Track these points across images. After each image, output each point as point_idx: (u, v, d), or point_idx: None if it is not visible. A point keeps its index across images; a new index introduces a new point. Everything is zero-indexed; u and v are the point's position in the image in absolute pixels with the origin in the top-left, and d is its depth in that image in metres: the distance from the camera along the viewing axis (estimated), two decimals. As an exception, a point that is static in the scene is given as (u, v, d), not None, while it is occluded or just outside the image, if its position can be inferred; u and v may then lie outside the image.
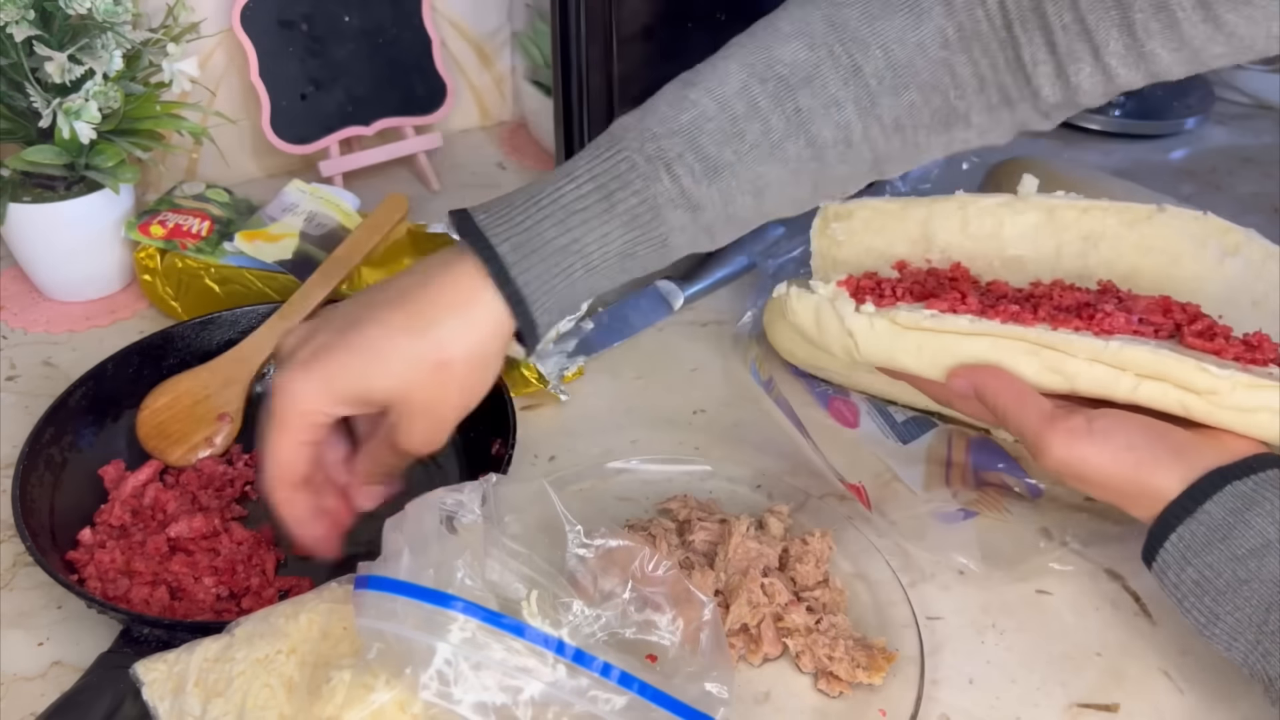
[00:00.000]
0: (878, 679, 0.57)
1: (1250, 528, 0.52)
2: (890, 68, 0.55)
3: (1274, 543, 0.51)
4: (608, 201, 0.54)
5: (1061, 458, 0.56)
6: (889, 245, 0.71)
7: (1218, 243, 0.64)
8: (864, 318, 0.62)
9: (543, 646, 0.44)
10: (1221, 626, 0.52)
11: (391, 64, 0.98)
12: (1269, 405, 0.54)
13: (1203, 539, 0.53)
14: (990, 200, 0.69)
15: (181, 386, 0.72)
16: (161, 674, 0.48)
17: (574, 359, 0.79)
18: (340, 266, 0.76)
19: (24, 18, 0.71)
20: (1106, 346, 0.56)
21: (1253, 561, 0.51)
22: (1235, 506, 0.52)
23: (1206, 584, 0.53)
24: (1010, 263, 0.69)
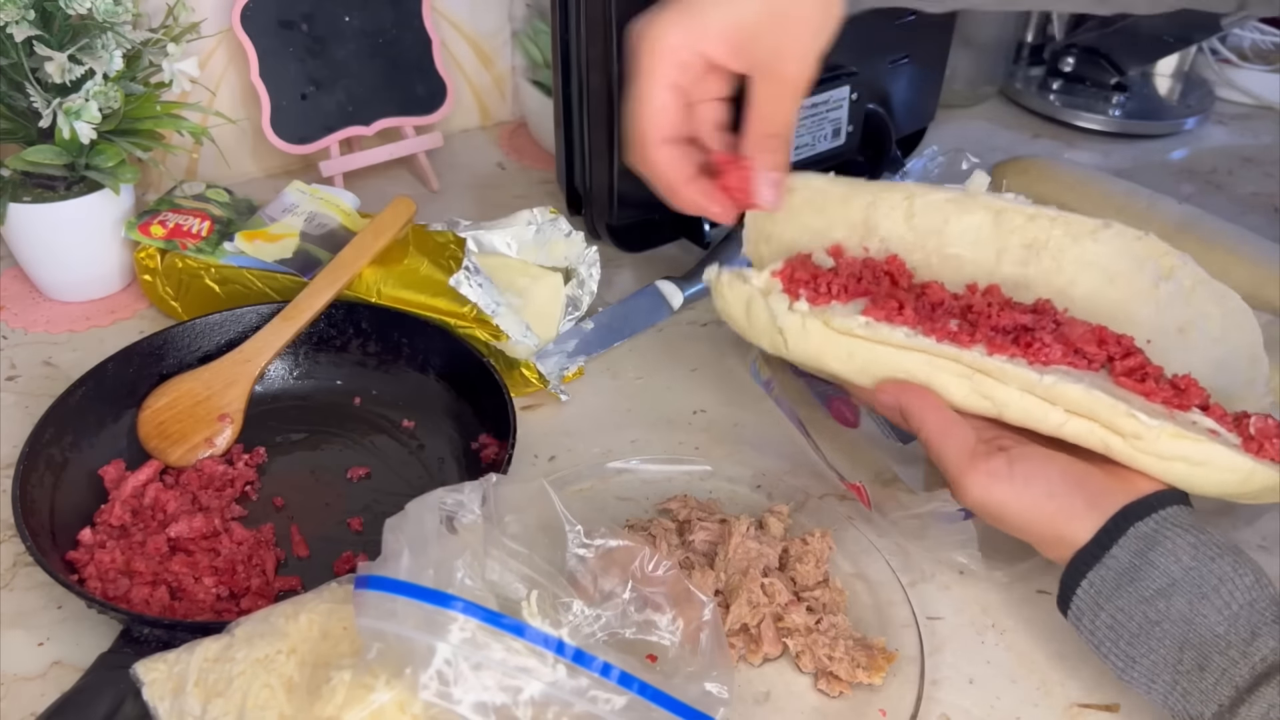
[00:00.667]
0: (878, 679, 0.57)
1: (1155, 568, 0.52)
2: None
3: (1179, 581, 0.52)
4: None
5: (979, 499, 0.56)
6: (827, 227, 0.69)
7: (1155, 265, 0.64)
8: (796, 316, 0.61)
9: (543, 646, 0.44)
10: (1139, 669, 0.53)
11: (391, 64, 0.98)
12: (1187, 456, 0.54)
13: (1112, 583, 0.53)
14: (939, 195, 0.67)
15: (183, 387, 0.72)
16: (162, 674, 0.48)
17: (574, 359, 0.79)
18: (346, 268, 0.76)
19: (24, 18, 0.71)
20: (1041, 380, 0.56)
21: (1160, 602, 0.52)
22: (1139, 548, 0.53)
23: (1120, 628, 0.53)
24: (948, 260, 0.68)
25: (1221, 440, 0.55)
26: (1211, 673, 0.50)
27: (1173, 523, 0.53)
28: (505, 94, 1.13)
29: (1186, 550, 0.52)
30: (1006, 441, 0.57)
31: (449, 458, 0.71)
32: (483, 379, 0.71)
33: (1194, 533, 0.53)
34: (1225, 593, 0.51)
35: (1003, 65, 1.22)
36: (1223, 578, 0.51)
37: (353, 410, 0.75)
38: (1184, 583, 0.52)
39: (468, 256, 0.75)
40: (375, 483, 0.70)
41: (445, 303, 0.75)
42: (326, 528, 0.66)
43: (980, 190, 0.68)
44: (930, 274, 0.68)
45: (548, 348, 0.78)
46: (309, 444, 0.73)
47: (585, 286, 0.82)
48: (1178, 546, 0.52)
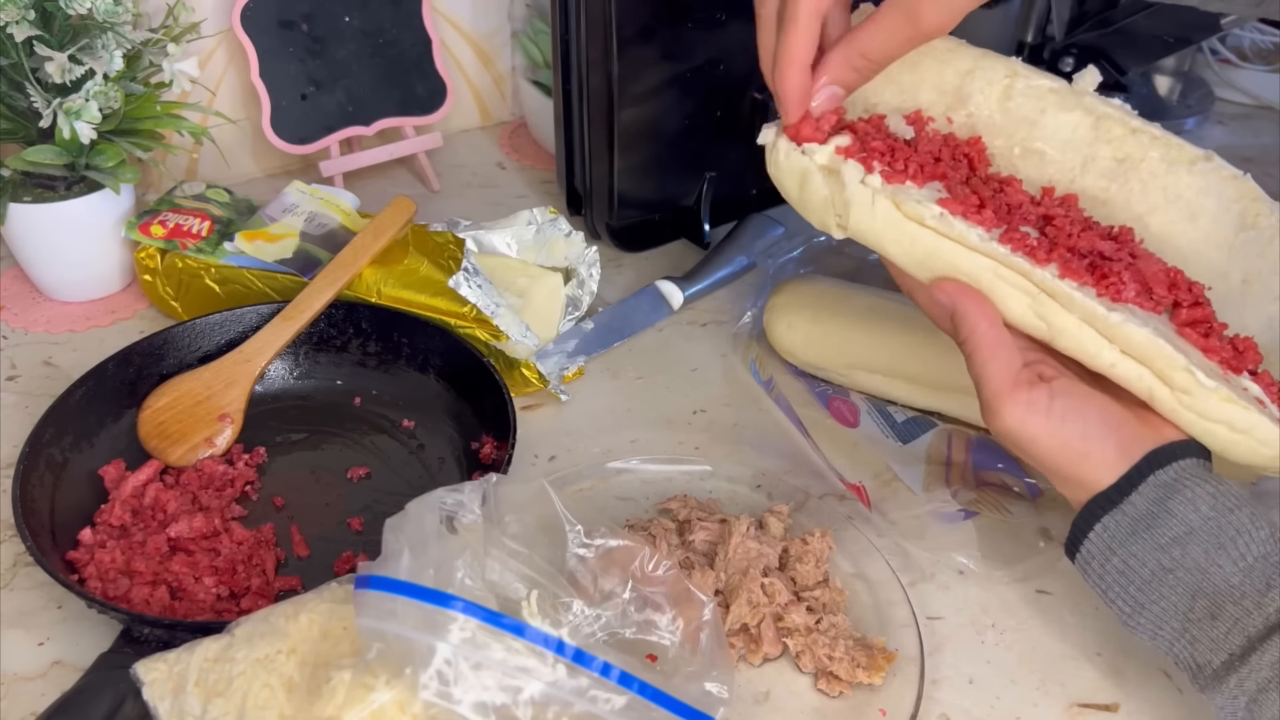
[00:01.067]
0: (878, 679, 0.57)
1: (1174, 516, 0.52)
2: None
3: (1196, 530, 0.52)
4: None
5: (1012, 428, 0.54)
6: (915, 85, 0.64)
7: (1242, 210, 0.61)
8: (867, 191, 0.56)
9: (543, 646, 0.44)
10: (1146, 615, 0.53)
11: (391, 64, 0.98)
12: (1231, 421, 0.53)
13: (1127, 529, 0.53)
14: (1043, 81, 0.63)
15: (183, 387, 0.72)
16: (162, 674, 0.48)
17: (574, 359, 0.79)
18: (346, 269, 0.76)
19: (24, 18, 0.71)
20: (1108, 316, 0.53)
21: (1176, 550, 0.52)
22: (1158, 496, 0.53)
23: (1131, 573, 0.53)
24: (1031, 155, 0.63)
25: (1267, 412, 0.53)
26: (1224, 621, 0.50)
27: (1191, 473, 0.53)
28: (505, 94, 1.13)
29: (1206, 500, 0.52)
30: (1048, 370, 0.55)
31: (449, 458, 0.71)
32: (483, 379, 0.71)
33: (1213, 483, 0.53)
34: (1242, 544, 0.51)
35: (1003, 65, 1.21)
36: (1240, 529, 0.51)
37: (353, 410, 0.75)
38: (1201, 531, 0.51)
39: (467, 257, 0.75)
40: (375, 483, 0.70)
41: (445, 303, 0.75)
42: (326, 528, 0.66)
43: (1088, 88, 0.63)
44: (1009, 166, 0.63)
45: (548, 348, 0.78)
46: (309, 444, 0.73)
47: (585, 286, 0.82)
48: (1197, 496, 0.52)
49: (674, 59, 0.83)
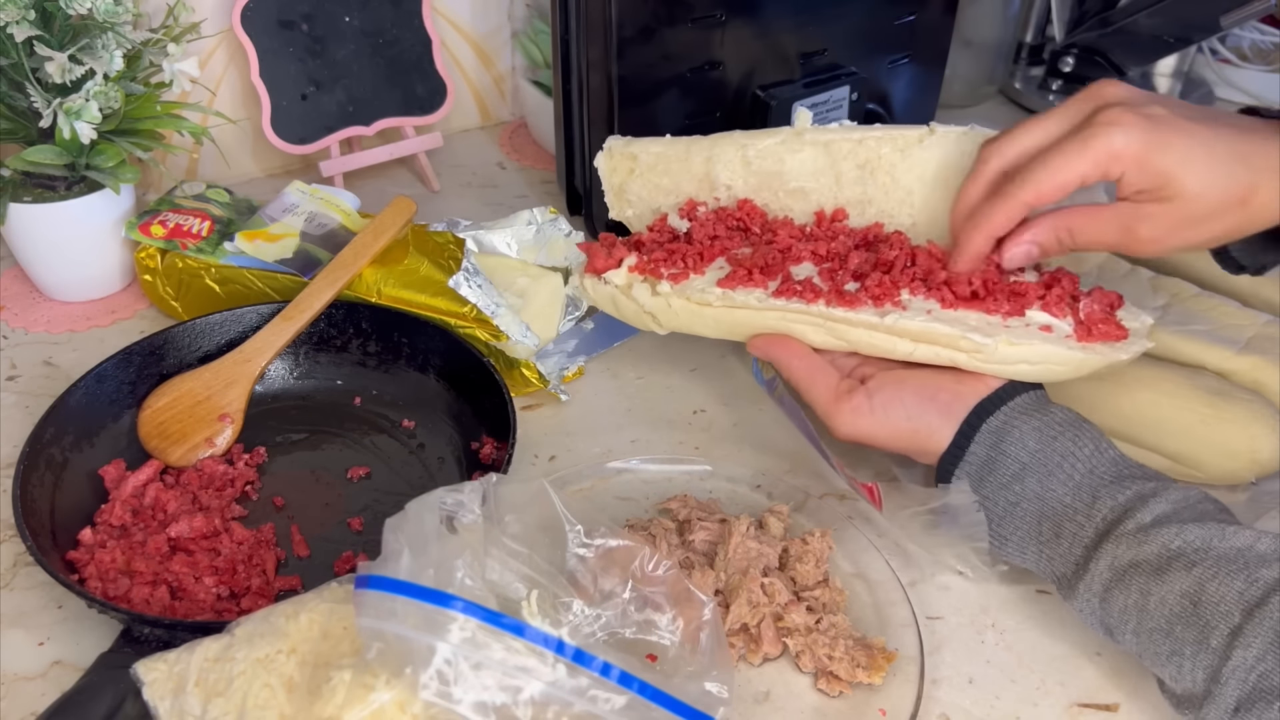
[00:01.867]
0: (877, 679, 0.57)
1: (1007, 456, 0.59)
2: None
3: (1028, 465, 0.59)
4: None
5: (848, 434, 0.63)
6: (675, 184, 0.74)
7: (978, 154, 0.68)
8: (661, 299, 0.67)
9: (543, 646, 0.44)
10: (1011, 545, 0.60)
11: (391, 64, 0.98)
12: (1025, 358, 0.60)
13: (976, 476, 0.60)
14: (769, 140, 0.71)
15: (183, 387, 0.72)
16: (162, 674, 0.48)
17: (574, 359, 0.79)
18: (346, 269, 0.76)
19: (24, 18, 0.71)
20: (882, 320, 0.62)
21: (1016, 485, 0.59)
22: (992, 441, 0.60)
23: (989, 514, 0.60)
24: (794, 194, 0.72)
25: (1053, 337, 0.61)
26: (1065, 538, 0.57)
27: (1020, 411, 0.60)
28: (505, 94, 1.13)
29: (1031, 435, 0.59)
30: (869, 369, 0.64)
31: (449, 458, 0.71)
32: (483, 379, 0.71)
33: (1038, 416, 0.60)
34: (1068, 466, 0.58)
35: (1003, 65, 1.22)
36: (1064, 454, 0.58)
37: (353, 410, 0.75)
38: (1032, 465, 0.59)
39: (467, 257, 0.75)
40: (375, 483, 0.70)
41: (445, 303, 0.75)
42: (326, 528, 0.66)
43: (805, 126, 0.72)
44: (780, 209, 0.72)
45: (548, 348, 0.78)
46: (309, 444, 0.73)
47: (585, 286, 0.82)
48: (1024, 434, 0.59)
49: (674, 59, 0.83)
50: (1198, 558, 0.52)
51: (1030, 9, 1.25)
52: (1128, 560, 0.54)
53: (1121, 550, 0.54)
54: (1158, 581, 0.53)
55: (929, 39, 0.98)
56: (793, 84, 0.89)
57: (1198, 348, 0.72)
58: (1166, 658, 0.52)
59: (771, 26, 0.86)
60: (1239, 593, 0.50)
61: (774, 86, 0.88)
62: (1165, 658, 0.52)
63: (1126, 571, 0.54)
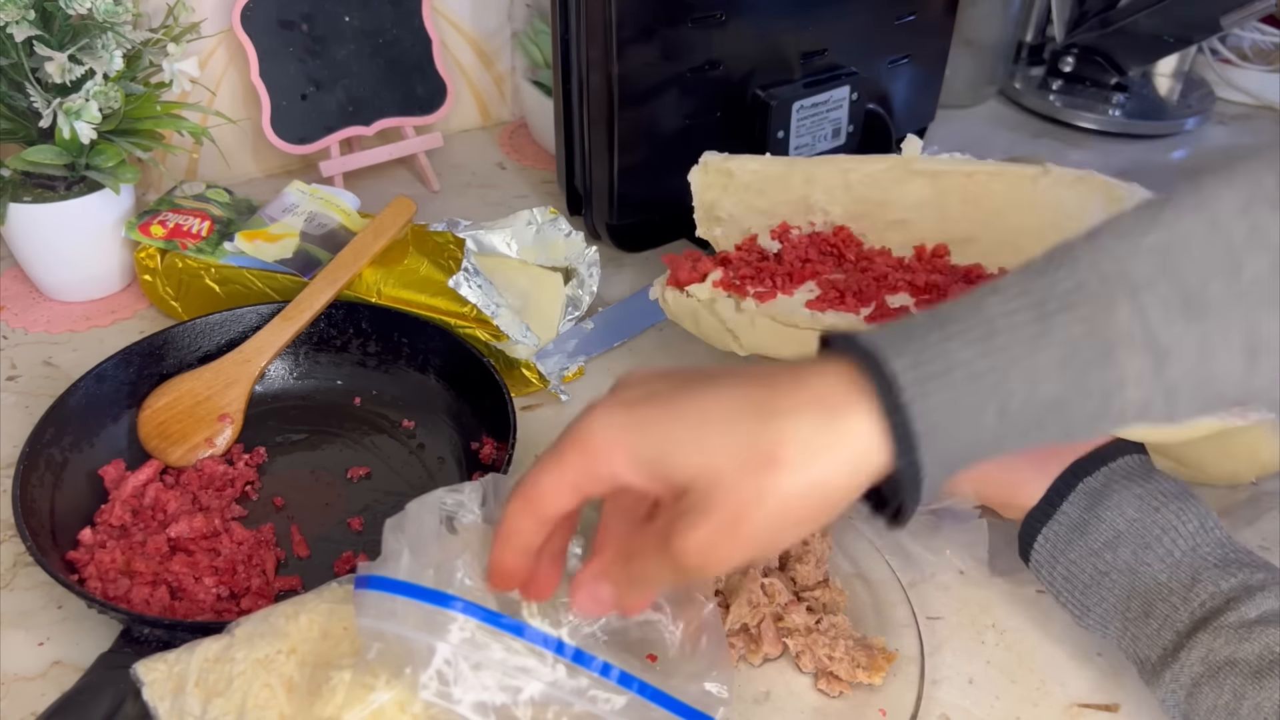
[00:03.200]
0: (878, 679, 0.57)
1: (1103, 521, 0.55)
2: None
3: (1124, 533, 0.55)
4: (1043, 325, 0.39)
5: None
6: (771, 205, 0.71)
7: (1102, 198, 0.65)
8: (745, 316, 0.64)
9: (542, 646, 0.44)
10: (1093, 616, 0.56)
11: (391, 64, 0.98)
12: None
13: (1064, 538, 0.56)
14: (875, 165, 0.69)
15: (183, 387, 0.72)
16: (162, 674, 0.48)
17: (574, 359, 0.79)
18: (345, 269, 0.76)
19: (24, 18, 0.71)
20: None
21: (1108, 554, 0.55)
22: (1087, 503, 0.56)
23: (1074, 579, 0.56)
24: (895, 225, 0.69)
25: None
26: (1155, 619, 0.53)
27: (1122, 474, 0.56)
28: (505, 94, 1.13)
29: (1132, 503, 0.55)
30: None
31: (449, 458, 0.71)
32: (483, 379, 0.71)
33: (1141, 483, 0.56)
34: (1168, 541, 0.54)
35: (1003, 65, 1.22)
36: (1165, 527, 0.54)
37: (353, 410, 0.75)
38: (1129, 534, 0.55)
39: (467, 258, 0.75)
40: (375, 483, 0.70)
41: (445, 303, 0.75)
42: (326, 528, 0.66)
43: (914, 154, 0.69)
44: (879, 240, 0.69)
45: (548, 348, 0.78)
46: (309, 444, 0.73)
47: (585, 286, 0.82)
48: (1123, 499, 0.55)
49: (674, 59, 0.83)
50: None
51: (1030, 9, 1.25)
52: (1224, 657, 0.50)
53: (1219, 644, 0.50)
54: (1255, 685, 0.48)
55: (929, 39, 0.98)
56: (793, 84, 0.89)
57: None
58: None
59: (771, 26, 0.86)
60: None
61: (774, 86, 0.88)
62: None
63: (1221, 669, 0.49)
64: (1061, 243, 0.42)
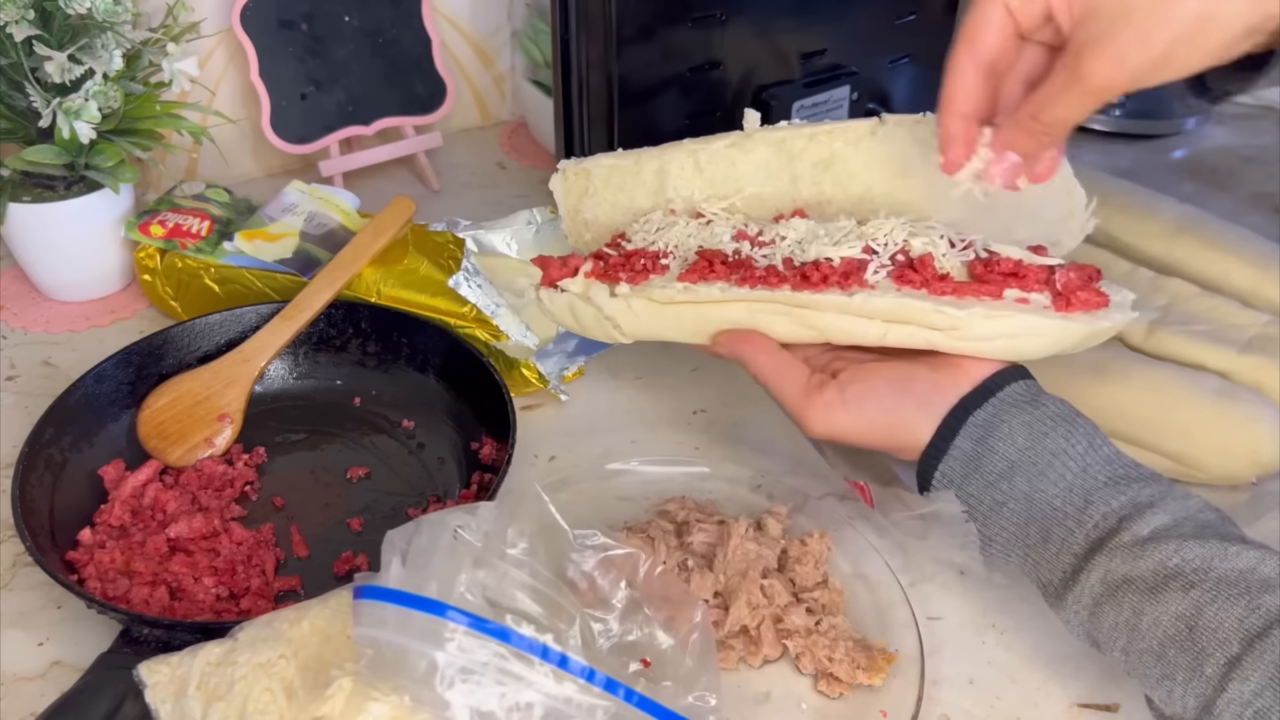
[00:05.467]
0: (878, 680, 0.57)
1: (994, 453, 0.56)
2: None
3: (1017, 463, 0.55)
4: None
5: (822, 432, 0.59)
6: (631, 200, 0.71)
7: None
8: (620, 301, 0.63)
9: (531, 654, 0.44)
10: (996, 546, 0.57)
11: (391, 64, 0.98)
12: (1004, 332, 0.57)
13: (960, 471, 0.56)
14: (719, 143, 0.69)
15: (182, 387, 0.72)
16: (164, 677, 0.48)
17: (574, 359, 0.79)
18: (345, 268, 0.76)
19: (24, 17, 0.71)
20: (851, 300, 0.58)
21: (1003, 484, 0.55)
22: (979, 435, 0.56)
23: (973, 511, 0.57)
24: (750, 200, 0.69)
25: (1031, 308, 0.57)
26: (1053, 544, 0.54)
27: (1010, 403, 0.56)
28: (505, 94, 1.13)
29: (1021, 431, 0.55)
30: (841, 363, 0.60)
31: (449, 458, 0.71)
32: (483, 379, 0.71)
33: (1029, 410, 0.56)
34: (1059, 465, 0.54)
35: (1003, 65, 1.21)
36: (1055, 452, 0.55)
37: (353, 410, 0.75)
38: (1021, 464, 0.55)
39: (466, 258, 0.75)
40: (375, 483, 0.70)
41: (445, 303, 0.75)
42: (326, 528, 0.66)
43: (754, 127, 0.69)
44: (739, 216, 0.69)
45: (548, 348, 0.78)
46: (309, 444, 0.73)
47: (585, 286, 0.82)
48: (1013, 429, 0.55)
49: (674, 59, 0.83)
50: (1196, 578, 0.49)
51: (1030, 9, 1.25)
52: (1121, 575, 0.51)
53: (1115, 564, 0.51)
54: (1152, 601, 0.50)
55: (929, 39, 0.98)
56: (793, 84, 0.89)
57: (1199, 348, 0.72)
58: (1157, 680, 0.50)
59: (771, 26, 0.86)
60: (1238, 620, 0.47)
61: (774, 86, 0.88)
62: (1156, 680, 0.50)
63: (1119, 587, 0.51)
64: None
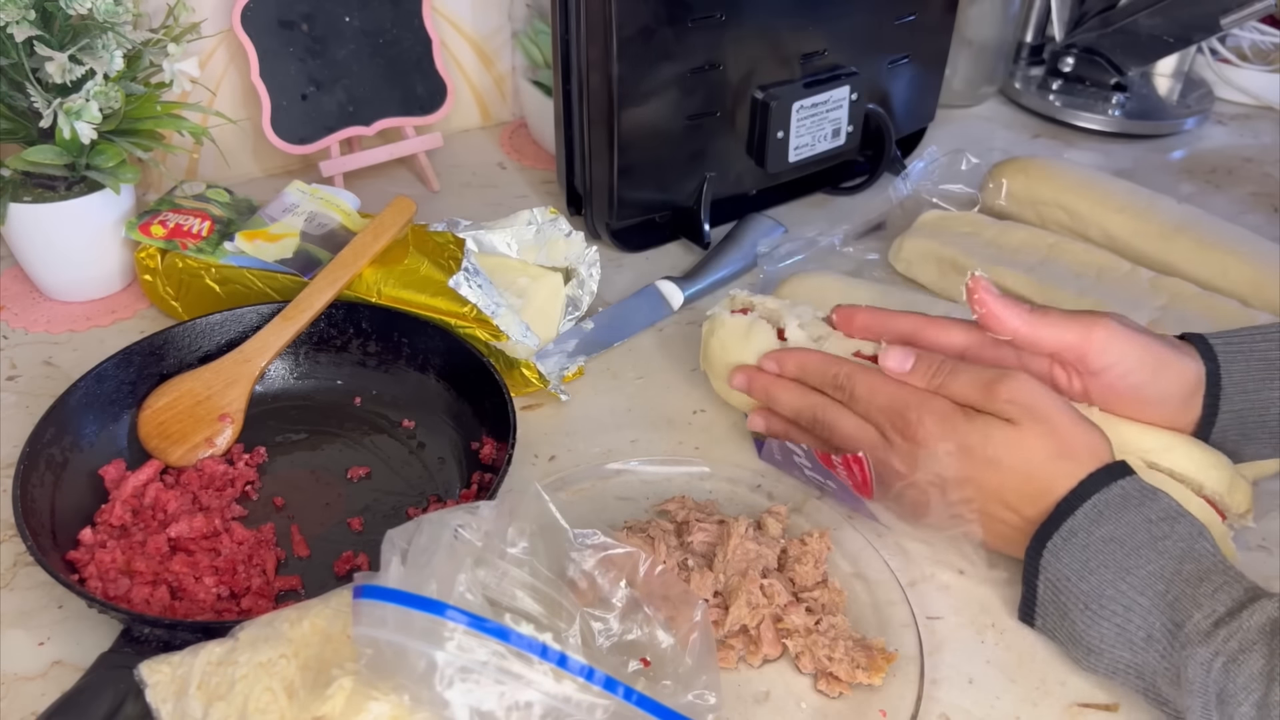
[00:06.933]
0: (877, 679, 0.57)
1: (1159, 500, 0.57)
2: None
3: (1183, 514, 0.56)
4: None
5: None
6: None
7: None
8: (804, 332, 0.68)
9: (531, 653, 0.44)
10: (1132, 579, 0.55)
11: (392, 64, 0.98)
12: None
13: (1118, 504, 0.57)
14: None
15: (183, 386, 0.72)
16: (165, 676, 0.48)
17: (574, 359, 0.79)
18: (346, 268, 0.76)
19: (25, 18, 0.71)
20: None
21: (1166, 525, 0.56)
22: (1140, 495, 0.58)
23: (1121, 541, 0.56)
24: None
25: None
26: (1210, 584, 0.53)
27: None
28: (505, 94, 1.13)
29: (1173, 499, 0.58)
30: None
31: (449, 458, 0.71)
32: (483, 379, 0.71)
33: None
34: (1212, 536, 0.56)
35: (1003, 65, 1.22)
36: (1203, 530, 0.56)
37: (353, 410, 0.75)
38: (1188, 518, 0.56)
39: (467, 257, 0.75)
40: (375, 483, 0.70)
41: (445, 303, 0.75)
42: (327, 527, 0.67)
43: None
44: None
45: (548, 348, 0.78)
46: (309, 444, 0.73)
47: (585, 286, 0.82)
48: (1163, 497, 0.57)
49: (674, 59, 0.83)
50: None
51: (1030, 9, 1.25)
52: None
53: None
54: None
55: (929, 39, 0.98)
56: (793, 84, 0.89)
57: (1198, 348, 0.72)
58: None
59: (771, 26, 0.86)
60: None
61: (774, 86, 0.88)
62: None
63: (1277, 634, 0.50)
64: None
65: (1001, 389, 0.59)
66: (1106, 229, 0.89)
